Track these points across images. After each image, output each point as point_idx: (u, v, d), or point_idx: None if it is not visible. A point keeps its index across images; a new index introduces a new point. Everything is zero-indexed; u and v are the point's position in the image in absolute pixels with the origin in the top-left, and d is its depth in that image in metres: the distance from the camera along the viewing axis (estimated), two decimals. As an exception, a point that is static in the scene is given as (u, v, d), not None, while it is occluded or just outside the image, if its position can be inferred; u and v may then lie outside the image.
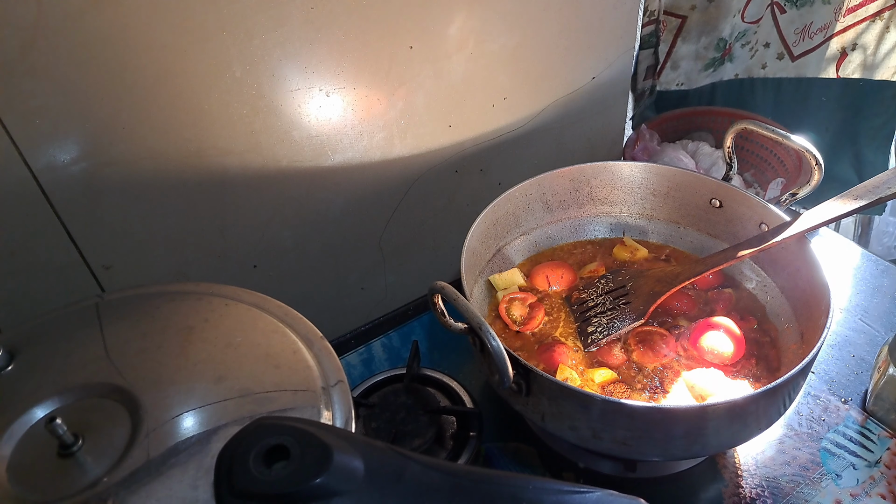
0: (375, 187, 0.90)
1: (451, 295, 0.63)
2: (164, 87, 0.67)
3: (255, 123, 0.75)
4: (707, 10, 1.21)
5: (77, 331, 0.57)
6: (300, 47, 0.73)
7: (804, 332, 0.78)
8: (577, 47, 0.97)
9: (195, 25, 0.66)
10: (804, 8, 1.27)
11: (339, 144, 0.83)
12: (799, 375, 0.64)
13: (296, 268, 0.89)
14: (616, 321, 0.81)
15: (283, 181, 0.81)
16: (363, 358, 0.95)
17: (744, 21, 1.26)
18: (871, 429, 0.80)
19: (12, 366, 0.53)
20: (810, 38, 1.31)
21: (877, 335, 0.92)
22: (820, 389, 0.85)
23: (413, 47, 0.81)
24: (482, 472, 0.42)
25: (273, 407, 0.49)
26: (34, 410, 0.49)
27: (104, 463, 0.45)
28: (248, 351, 0.54)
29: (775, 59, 1.34)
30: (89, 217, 0.70)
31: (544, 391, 0.65)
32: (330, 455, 0.36)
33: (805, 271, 0.77)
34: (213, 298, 0.60)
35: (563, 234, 0.97)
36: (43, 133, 0.63)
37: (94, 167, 0.67)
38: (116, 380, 0.51)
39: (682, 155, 1.19)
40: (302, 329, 0.57)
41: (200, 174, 0.74)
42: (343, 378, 0.53)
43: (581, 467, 0.78)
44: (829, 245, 1.08)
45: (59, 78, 0.62)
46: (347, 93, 0.80)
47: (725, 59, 1.31)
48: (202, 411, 0.49)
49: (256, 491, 0.35)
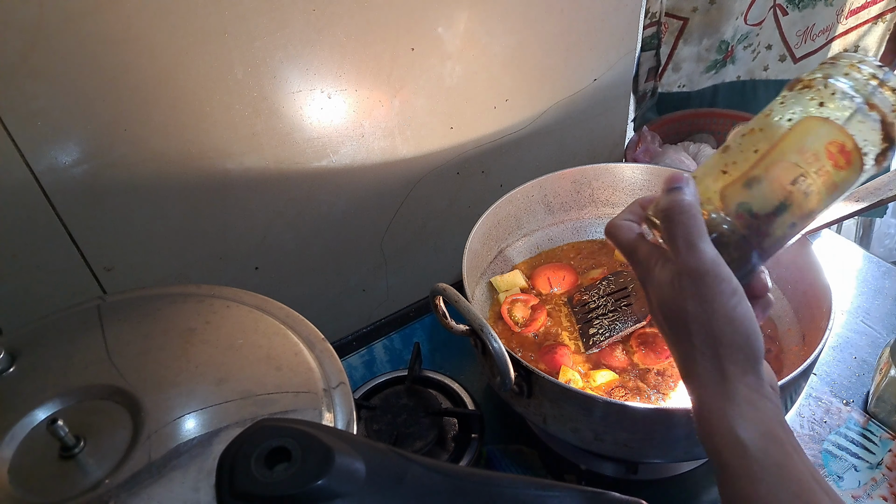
0: (377, 189, 0.90)
1: (453, 297, 0.63)
2: (166, 89, 0.67)
3: (256, 125, 0.75)
4: (709, 12, 1.21)
5: (78, 333, 0.57)
6: (302, 49, 0.73)
7: (806, 334, 0.78)
8: (578, 49, 0.97)
9: (197, 27, 0.66)
10: (806, 10, 1.27)
11: (341, 146, 0.83)
12: (800, 377, 0.64)
13: (297, 270, 0.89)
14: (618, 323, 0.81)
15: (284, 183, 0.81)
16: (365, 360, 0.95)
17: (746, 23, 1.26)
18: (872, 430, 0.80)
19: (14, 367, 0.53)
20: (812, 40, 1.31)
21: (878, 337, 0.92)
22: (821, 391, 0.85)
23: (415, 49, 0.82)
24: (484, 475, 0.42)
25: (274, 409, 0.49)
26: (36, 412, 0.49)
27: (105, 465, 0.45)
28: (249, 353, 0.54)
29: (777, 60, 1.34)
30: (91, 219, 0.70)
31: (546, 393, 0.65)
32: (331, 457, 0.36)
33: (807, 273, 0.77)
34: (214, 300, 0.60)
35: (564, 235, 0.97)
36: (44, 135, 0.63)
37: (95, 169, 0.67)
38: (118, 382, 0.51)
39: (683, 157, 1.19)
40: (303, 331, 0.57)
41: (202, 176, 0.74)
42: (344, 380, 0.53)
43: (583, 469, 0.78)
44: (830, 247, 1.08)
45: (61, 80, 0.62)
46: (349, 95, 0.80)
47: (727, 61, 1.31)
48: (203, 413, 0.49)
49: (258, 493, 0.35)
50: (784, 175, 0.46)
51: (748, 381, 0.43)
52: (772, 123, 0.48)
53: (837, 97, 0.47)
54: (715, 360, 0.43)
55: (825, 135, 0.46)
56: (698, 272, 0.43)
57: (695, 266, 0.43)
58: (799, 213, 0.47)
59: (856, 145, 0.47)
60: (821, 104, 0.47)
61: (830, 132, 0.46)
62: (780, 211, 0.46)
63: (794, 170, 0.46)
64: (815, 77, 0.49)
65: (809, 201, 0.47)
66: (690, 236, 0.43)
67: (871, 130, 0.47)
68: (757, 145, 0.47)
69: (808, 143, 0.46)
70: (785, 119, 0.47)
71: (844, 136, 0.46)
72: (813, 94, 0.48)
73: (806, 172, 0.46)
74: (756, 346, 0.43)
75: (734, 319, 0.43)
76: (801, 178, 0.46)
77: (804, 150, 0.46)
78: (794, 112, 0.47)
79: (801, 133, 0.47)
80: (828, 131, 0.46)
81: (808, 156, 0.46)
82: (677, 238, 0.44)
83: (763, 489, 0.39)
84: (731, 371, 0.42)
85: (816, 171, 0.46)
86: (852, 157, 0.47)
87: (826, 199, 0.47)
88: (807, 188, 0.46)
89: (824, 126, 0.46)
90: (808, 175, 0.46)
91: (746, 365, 0.43)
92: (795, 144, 0.46)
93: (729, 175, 0.48)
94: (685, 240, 0.44)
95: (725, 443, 0.41)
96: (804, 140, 0.46)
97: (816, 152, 0.46)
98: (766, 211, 0.46)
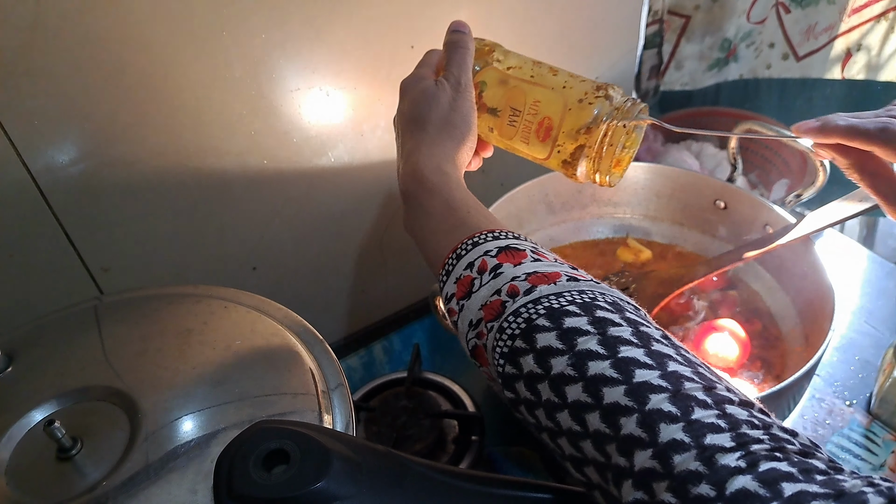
0: (376, 188, 0.90)
1: (453, 297, 0.63)
2: (164, 88, 0.67)
3: (254, 124, 0.74)
4: (711, 10, 1.21)
5: (75, 333, 0.57)
6: (300, 47, 0.73)
7: (809, 335, 0.77)
8: (579, 47, 0.97)
9: (195, 25, 0.65)
10: (809, 8, 1.26)
11: (340, 145, 0.83)
12: (803, 378, 0.64)
13: (296, 270, 0.89)
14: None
15: (282, 182, 0.80)
16: (364, 361, 0.95)
17: (749, 21, 1.25)
18: (875, 432, 0.80)
19: (10, 368, 0.53)
20: (815, 39, 1.30)
21: (882, 337, 0.91)
22: (824, 392, 0.85)
23: (414, 47, 0.81)
24: (484, 477, 0.41)
25: (273, 410, 0.49)
26: (32, 414, 0.49)
27: (103, 467, 0.45)
28: (247, 354, 0.54)
29: (780, 59, 1.33)
30: (88, 218, 0.70)
31: (547, 394, 0.65)
32: (330, 459, 0.36)
33: (810, 273, 0.77)
34: (212, 301, 0.60)
35: (566, 235, 0.97)
36: (41, 134, 0.63)
37: (92, 168, 0.67)
38: (115, 383, 0.50)
39: (686, 156, 1.18)
40: (302, 332, 0.57)
41: (200, 175, 0.74)
42: (343, 381, 0.53)
43: (584, 471, 0.77)
44: (834, 247, 1.07)
45: (58, 78, 0.61)
46: (348, 93, 0.79)
47: (730, 59, 1.30)
48: (201, 415, 0.48)
49: (256, 495, 0.35)
50: (517, 96, 0.59)
51: (457, 155, 0.57)
52: (554, 79, 0.59)
53: None
54: (438, 137, 0.56)
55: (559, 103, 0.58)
56: (464, 84, 0.58)
57: (463, 81, 0.58)
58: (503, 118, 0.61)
59: None
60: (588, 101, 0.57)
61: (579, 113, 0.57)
62: (492, 111, 0.61)
63: (522, 100, 0.59)
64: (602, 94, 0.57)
65: (510, 124, 0.60)
66: (465, 63, 0.59)
67: None
68: (535, 73, 0.59)
69: (553, 99, 0.57)
70: (562, 82, 0.58)
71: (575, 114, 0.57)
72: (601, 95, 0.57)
73: (526, 110, 0.59)
74: (468, 137, 0.57)
75: (465, 114, 0.57)
76: (518, 110, 0.59)
77: (550, 101, 0.58)
78: (573, 86, 0.57)
79: (560, 94, 0.57)
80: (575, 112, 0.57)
81: (546, 104, 0.58)
82: (453, 60, 0.59)
83: (458, 194, 0.52)
84: (448, 145, 0.56)
85: (531, 114, 0.59)
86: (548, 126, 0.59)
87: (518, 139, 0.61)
88: (519, 119, 0.60)
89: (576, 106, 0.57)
90: (524, 112, 0.59)
91: (460, 146, 0.57)
92: (546, 93, 0.58)
93: (506, 72, 0.61)
94: (460, 65, 0.58)
95: (433, 171, 0.54)
96: (558, 97, 0.57)
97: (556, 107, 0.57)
98: (492, 106, 0.61)
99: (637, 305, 0.43)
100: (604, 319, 0.39)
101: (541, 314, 0.40)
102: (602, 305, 0.40)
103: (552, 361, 0.38)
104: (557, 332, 0.39)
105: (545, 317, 0.40)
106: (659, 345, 0.37)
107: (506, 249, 0.45)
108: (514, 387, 0.41)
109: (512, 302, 0.42)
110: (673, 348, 0.38)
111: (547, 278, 0.42)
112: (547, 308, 0.40)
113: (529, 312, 0.40)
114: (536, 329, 0.39)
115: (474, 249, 0.46)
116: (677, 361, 0.36)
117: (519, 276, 0.43)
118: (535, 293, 0.41)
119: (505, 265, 0.44)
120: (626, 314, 0.40)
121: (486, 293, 0.44)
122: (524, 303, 0.41)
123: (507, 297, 0.42)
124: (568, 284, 0.41)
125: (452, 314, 0.47)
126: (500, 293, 0.43)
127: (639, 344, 0.37)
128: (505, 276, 0.43)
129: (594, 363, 0.36)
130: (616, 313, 0.39)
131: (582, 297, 0.40)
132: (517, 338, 0.40)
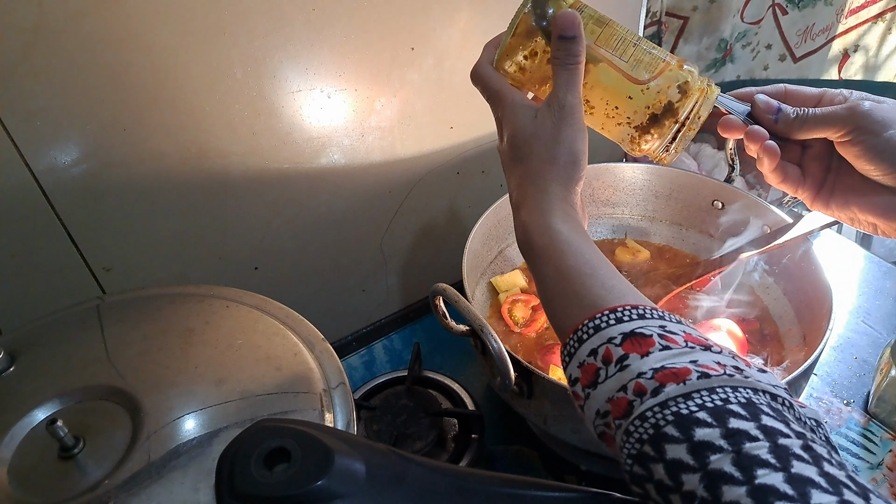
0: (377, 189, 0.90)
1: (453, 297, 0.63)
2: (165, 89, 0.67)
3: (256, 125, 0.75)
4: (709, 11, 1.21)
5: (78, 333, 0.57)
6: (301, 49, 0.73)
7: (806, 334, 0.77)
8: (578, 49, 0.97)
9: (196, 27, 0.66)
10: (806, 9, 1.27)
11: (341, 146, 0.83)
12: (801, 377, 0.64)
13: (297, 270, 0.89)
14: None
15: (284, 183, 0.81)
16: (364, 360, 0.95)
17: (743, 21, 1.25)
18: (873, 431, 0.80)
19: (13, 368, 0.53)
20: (812, 40, 1.31)
21: (879, 337, 0.92)
22: (822, 391, 0.85)
23: (414, 48, 0.81)
24: (484, 475, 0.42)
25: (274, 409, 0.49)
26: (35, 413, 0.49)
27: (105, 465, 0.45)
28: (248, 353, 0.54)
29: (777, 60, 1.34)
30: (90, 219, 0.70)
31: (546, 393, 0.65)
32: (331, 458, 0.36)
33: (807, 273, 0.77)
34: (213, 300, 0.60)
35: (564, 235, 0.97)
36: (44, 135, 0.63)
37: (95, 169, 0.67)
38: (117, 382, 0.51)
39: (683, 156, 1.19)
40: (303, 331, 0.57)
41: (201, 176, 0.74)
42: (344, 380, 0.53)
43: (583, 470, 0.78)
44: (831, 247, 1.08)
45: (61, 79, 0.61)
46: (349, 94, 0.80)
47: (727, 59, 1.31)
48: (203, 414, 0.49)
49: (257, 494, 0.35)
50: (595, 93, 0.56)
51: (565, 197, 0.53)
52: (637, 69, 0.55)
53: None
54: (542, 181, 0.53)
55: None
56: (568, 108, 0.52)
57: (568, 103, 0.52)
58: None
59: None
60: None
61: None
62: None
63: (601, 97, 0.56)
64: None
65: None
66: (573, 82, 0.53)
67: None
68: (621, 63, 0.55)
69: None
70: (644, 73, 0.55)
71: None
72: None
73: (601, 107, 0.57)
74: (576, 173, 0.54)
75: (570, 144, 0.53)
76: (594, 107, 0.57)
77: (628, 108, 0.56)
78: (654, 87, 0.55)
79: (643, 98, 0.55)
80: None
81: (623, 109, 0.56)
82: (560, 78, 0.53)
83: (570, 261, 0.48)
84: (553, 189, 0.52)
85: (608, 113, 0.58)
86: None
87: None
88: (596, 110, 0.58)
89: None
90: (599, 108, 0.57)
91: (569, 184, 0.53)
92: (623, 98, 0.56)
93: (593, 47, 0.55)
94: (567, 84, 0.52)
95: (540, 233, 0.50)
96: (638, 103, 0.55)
97: None
98: None
99: (775, 393, 0.39)
100: (738, 432, 0.35)
101: (669, 421, 0.37)
102: (735, 411, 0.36)
103: (684, 478, 0.35)
104: (688, 446, 0.36)
105: (673, 424, 0.37)
106: (800, 464, 0.33)
107: (630, 336, 0.42)
108: (643, 486, 0.39)
109: (640, 402, 0.39)
110: (815, 465, 0.33)
111: (676, 376, 0.39)
112: (675, 414, 0.37)
113: (657, 418, 0.38)
114: (665, 438, 0.37)
115: (597, 335, 0.43)
116: (820, 488, 0.32)
117: (645, 374, 0.40)
118: (662, 395, 0.38)
119: (631, 356, 0.41)
120: (761, 420, 0.36)
121: (612, 386, 0.41)
122: (651, 406, 0.38)
123: (633, 395, 0.40)
124: (698, 383, 0.38)
125: (577, 398, 0.45)
126: (626, 390, 0.40)
127: (778, 466, 0.33)
128: (631, 371, 0.41)
129: (728, 489, 0.33)
130: (751, 421, 0.36)
131: (713, 401, 0.37)
132: (645, 443, 0.38)
